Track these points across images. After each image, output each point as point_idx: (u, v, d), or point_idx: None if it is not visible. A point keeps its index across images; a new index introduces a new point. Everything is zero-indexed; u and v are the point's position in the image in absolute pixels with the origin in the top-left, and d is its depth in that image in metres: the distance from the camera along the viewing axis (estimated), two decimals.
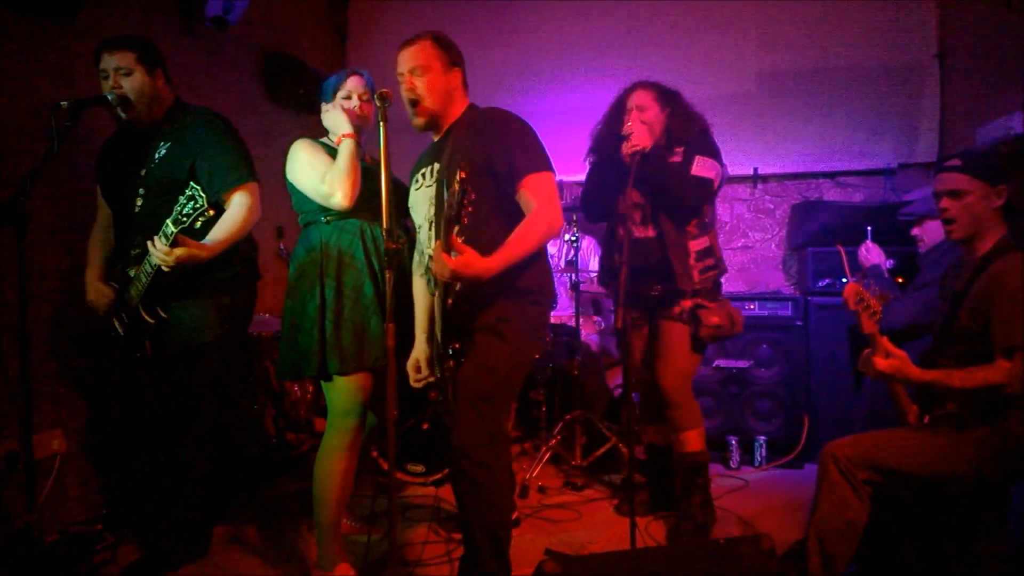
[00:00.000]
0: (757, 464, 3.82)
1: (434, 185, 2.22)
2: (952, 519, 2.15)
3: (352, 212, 2.39)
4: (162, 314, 2.48)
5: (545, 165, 2.17)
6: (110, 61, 2.45)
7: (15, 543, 2.35)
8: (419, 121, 2.27)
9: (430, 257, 2.21)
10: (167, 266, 2.26)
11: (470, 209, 1.79)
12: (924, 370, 2.10)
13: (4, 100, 2.72)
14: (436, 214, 2.18)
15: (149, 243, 2.25)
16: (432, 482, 3.41)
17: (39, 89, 2.84)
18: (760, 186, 4.59)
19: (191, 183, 2.19)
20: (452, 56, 2.27)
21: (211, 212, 2.17)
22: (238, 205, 2.46)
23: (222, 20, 3.66)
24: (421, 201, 2.29)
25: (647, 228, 2.87)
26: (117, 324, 2.60)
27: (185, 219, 2.15)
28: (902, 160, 4.24)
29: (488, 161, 2.11)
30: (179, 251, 2.23)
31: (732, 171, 4.51)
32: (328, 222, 2.43)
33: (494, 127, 2.19)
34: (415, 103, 2.23)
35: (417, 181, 2.33)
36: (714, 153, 2.83)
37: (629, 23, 4.69)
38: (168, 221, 2.18)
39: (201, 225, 2.21)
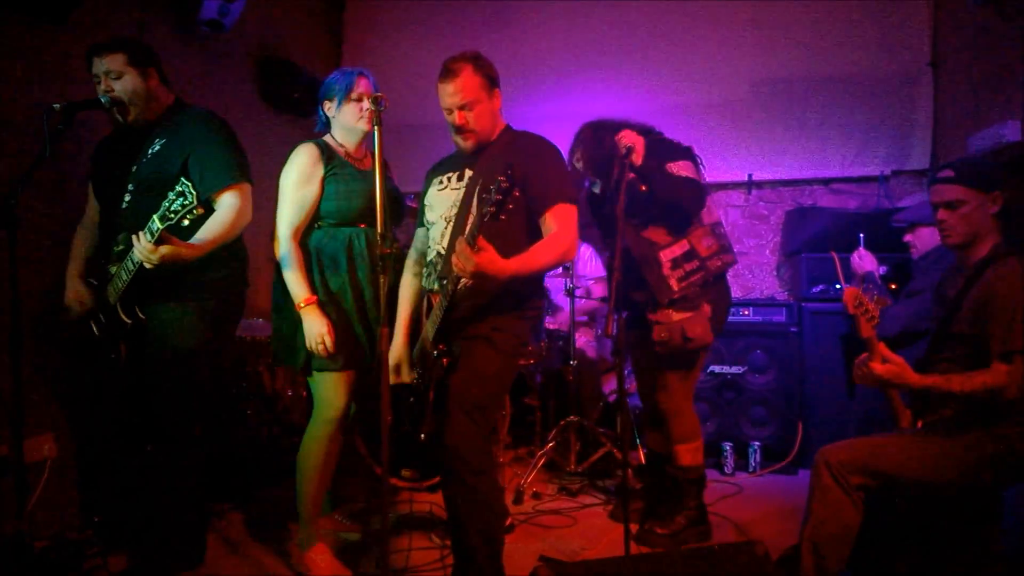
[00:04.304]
0: (751, 470, 3.82)
1: (462, 189, 2.28)
2: (945, 524, 2.15)
3: (344, 221, 2.50)
4: (139, 315, 2.40)
5: (572, 198, 2.28)
6: (100, 64, 2.40)
7: (5, 549, 2.32)
8: (468, 145, 2.32)
9: (438, 253, 2.28)
10: (150, 264, 2.19)
11: (510, 206, 1.92)
12: (922, 375, 2.10)
13: None
14: (458, 214, 2.25)
15: (134, 237, 2.18)
16: (425, 488, 3.39)
17: (32, 91, 2.81)
18: (754, 192, 4.60)
19: (182, 179, 2.12)
20: (492, 78, 2.31)
21: (200, 210, 2.11)
22: (227, 206, 2.40)
23: (217, 23, 3.65)
24: (442, 201, 2.34)
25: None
26: (93, 325, 2.52)
27: (172, 215, 2.08)
28: (895, 167, 4.26)
29: (524, 182, 2.14)
30: (164, 249, 2.17)
31: (727, 177, 4.55)
32: (319, 227, 2.53)
33: (532, 151, 2.28)
34: (464, 130, 2.28)
35: (441, 182, 2.38)
36: (678, 153, 2.76)
37: (623, 30, 4.70)
38: (155, 217, 2.11)
39: (189, 223, 2.14)
